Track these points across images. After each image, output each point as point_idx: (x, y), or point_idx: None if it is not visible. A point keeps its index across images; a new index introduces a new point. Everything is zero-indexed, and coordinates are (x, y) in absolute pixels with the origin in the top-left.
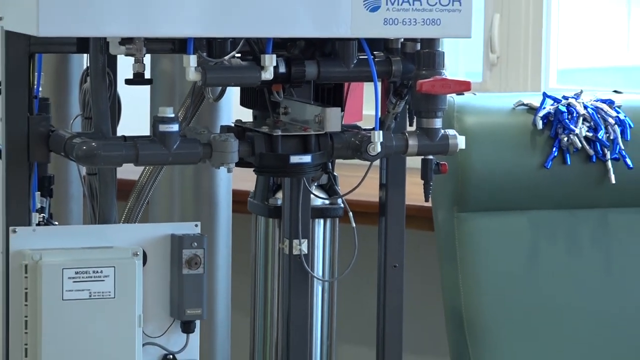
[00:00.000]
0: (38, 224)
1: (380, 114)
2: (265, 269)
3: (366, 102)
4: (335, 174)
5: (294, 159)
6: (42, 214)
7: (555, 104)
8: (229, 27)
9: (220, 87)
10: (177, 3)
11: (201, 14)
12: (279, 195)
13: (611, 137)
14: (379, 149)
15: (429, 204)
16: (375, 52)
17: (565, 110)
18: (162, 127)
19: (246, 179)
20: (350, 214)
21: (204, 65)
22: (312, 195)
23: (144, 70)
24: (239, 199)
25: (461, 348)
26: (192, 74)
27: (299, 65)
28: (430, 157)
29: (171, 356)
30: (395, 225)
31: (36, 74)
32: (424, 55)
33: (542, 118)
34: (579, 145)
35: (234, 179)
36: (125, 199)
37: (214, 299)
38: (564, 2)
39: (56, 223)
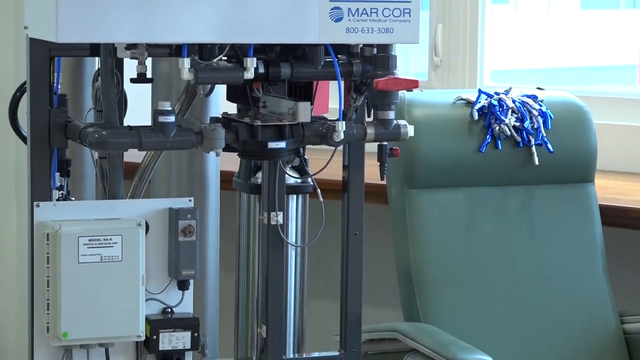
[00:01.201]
0: (58, 200)
1: (343, 107)
2: (247, 237)
3: (331, 97)
4: (305, 157)
5: (272, 145)
6: (61, 191)
7: (489, 98)
8: (217, 35)
9: (210, 85)
10: (174, 16)
11: (193, 25)
12: (259, 175)
13: (535, 126)
14: (342, 136)
15: (384, 182)
16: (339, 56)
17: (497, 104)
18: (161, 118)
19: (232, 162)
20: (319, 190)
21: (196, 67)
22: (286, 175)
23: (146, 71)
24: (226, 179)
25: (410, 300)
26: (186, 74)
27: (276, 66)
28: (385, 143)
29: (169, 309)
30: (356, 200)
31: (55, 74)
32: (380, 58)
33: (478, 110)
34: (509, 133)
35: (221, 161)
36: (130, 178)
37: (205, 262)
38: (496, 14)
39: (73, 199)
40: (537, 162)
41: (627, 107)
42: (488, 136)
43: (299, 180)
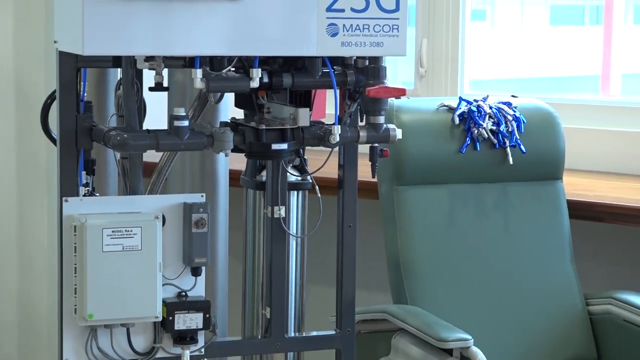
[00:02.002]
0: (84, 195)
1: (339, 112)
2: (253, 228)
3: (328, 104)
4: (305, 157)
5: (275, 147)
6: (87, 188)
7: (468, 105)
8: (226, 48)
9: (220, 93)
10: (187, 31)
11: (205, 39)
12: (264, 173)
13: (510, 130)
14: (337, 138)
15: (375, 180)
16: (334, 67)
17: (476, 110)
18: (176, 123)
19: (239, 162)
20: (317, 187)
21: (207, 77)
22: (288, 173)
23: (162, 81)
24: (234, 176)
25: (399, 285)
26: (198, 83)
27: (278, 76)
28: (376, 144)
29: (184, 293)
30: (350, 195)
31: (82, 83)
32: (371, 69)
33: (459, 116)
34: (486, 135)
35: (230, 161)
36: (149, 176)
37: (215, 251)
38: (474, 30)
39: (97, 194)
40: (511, 162)
41: (592, 112)
42: (468, 139)
43: (299, 178)
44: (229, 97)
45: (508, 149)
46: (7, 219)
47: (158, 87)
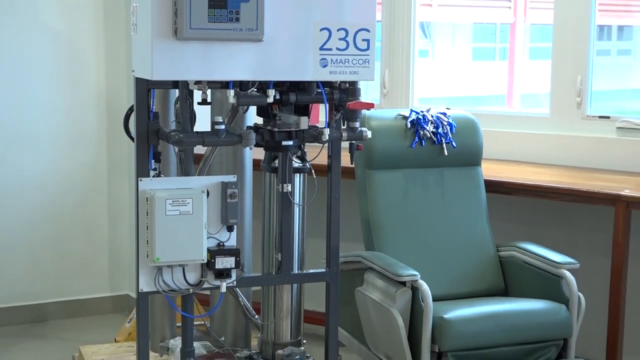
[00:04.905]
0: (153, 177)
1: (328, 119)
2: (269, 199)
3: (321, 114)
4: (305, 150)
5: (284, 143)
6: (155, 171)
7: (417, 114)
8: (250, 75)
9: (246, 106)
10: (224, 64)
11: (236, 69)
12: (277, 161)
13: (445, 132)
14: (327, 137)
15: (353, 166)
16: (325, 88)
17: (422, 118)
18: (216, 126)
19: (260, 153)
20: (313, 171)
21: (238, 95)
22: (292, 161)
23: (207, 97)
24: (256, 164)
25: (369, 237)
26: (231, 99)
27: (286, 94)
28: (354, 142)
29: (222, 243)
30: (336, 176)
31: (151, 99)
32: (350, 89)
33: (410, 122)
34: (429, 135)
35: (253, 153)
36: (198, 163)
37: (243, 214)
38: (421, 64)
39: (162, 176)
40: (446, 153)
41: (501, 120)
42: (416, 137)
43: (301, 164)
44: (253, 109)
45: (444, 145)
46: (101, 192)
47: (204, 102)
